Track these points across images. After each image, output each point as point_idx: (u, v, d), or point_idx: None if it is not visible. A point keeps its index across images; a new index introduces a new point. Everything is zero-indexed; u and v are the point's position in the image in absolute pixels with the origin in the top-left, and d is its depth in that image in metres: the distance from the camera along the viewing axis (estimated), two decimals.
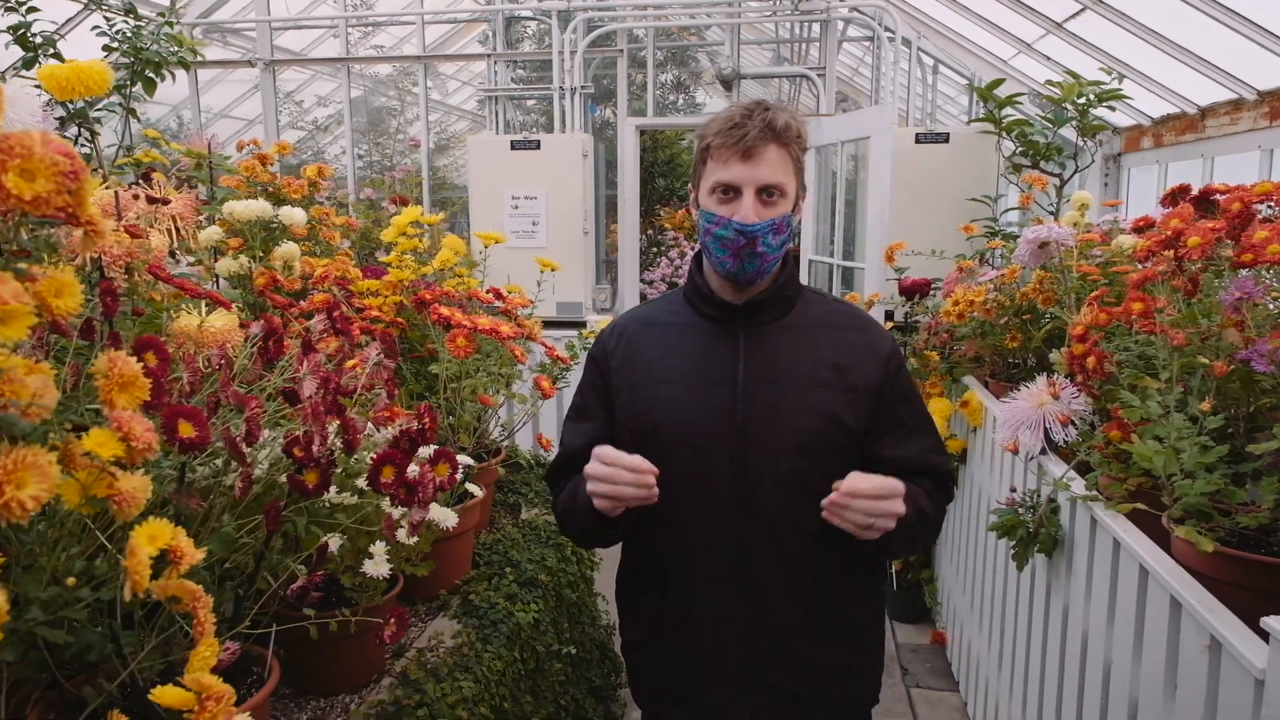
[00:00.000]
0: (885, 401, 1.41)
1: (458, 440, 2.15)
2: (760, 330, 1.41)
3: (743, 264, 1.34)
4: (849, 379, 1.39)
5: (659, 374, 1.43)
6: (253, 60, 4.71)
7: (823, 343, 1.41)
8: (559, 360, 2.32)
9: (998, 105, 3.64)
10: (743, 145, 1.30)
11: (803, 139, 1.37)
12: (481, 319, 2.01)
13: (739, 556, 1.38)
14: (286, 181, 2.44)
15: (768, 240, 1.33)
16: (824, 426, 1.36)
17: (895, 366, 1.44)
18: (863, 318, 1.49)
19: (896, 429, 1.42)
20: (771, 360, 1.39)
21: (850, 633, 1.46)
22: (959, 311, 2.65)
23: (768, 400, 1.37)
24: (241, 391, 1.17)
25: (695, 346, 1.43)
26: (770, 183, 1.32)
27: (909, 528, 1.31)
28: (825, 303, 1.49)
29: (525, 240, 4.52)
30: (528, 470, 3.20)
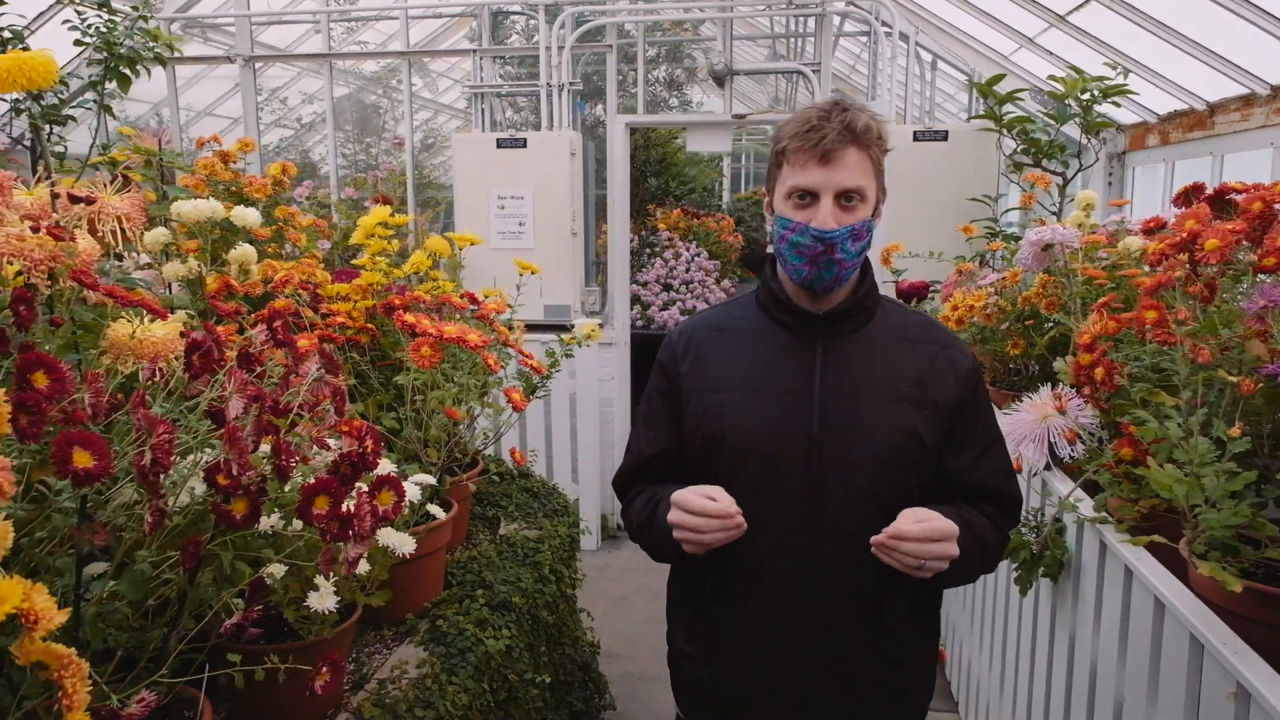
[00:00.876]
0: (962, 419, 1.37)
1: (426, 455, 2.02)
2: (838, 341, 1.37)
3: (820, 271, 1.29)
4: (929, 394, 1.35)
5: (730, 381, 1.39)
6: (232, 56, 4.58)
7: (902, 356, 1.37)
8: (534, 370, 2.19)
9: (998, 101, 3.51)
10: (821, 148, 1.25)
11: (884, 140, 1.32)
12: (448, 326, 1.88)
13: (806, 571, 1.34)
14: (249, 180, 2.31)
15: (846, 247, 1.28)
16: (903, 441, 1.33)
17: (974, 383, 1.40)
18: (942, 331, 1.44)
19: (969, 448, 1.38)
20: (850, 372, 1.35)
21: (907, 655, 1.42)
22: (958, 317, 2.52)
23: (846, 413, 1.33)
24: (155, 414, 1.04)
25: (769, 354, 1.39)
26: (850, 187, 1.27)
27: (967, 561, 1.29)
28: (904, 314, 1.45)
29: (512, 241, 4.39)
30: (509, 481, 3.08)
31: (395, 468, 1.66)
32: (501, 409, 2.42)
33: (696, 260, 7.25)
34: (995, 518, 1.39)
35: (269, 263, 2.24)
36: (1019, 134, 3.58)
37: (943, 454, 1.36)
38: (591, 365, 4.28)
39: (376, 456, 1.22)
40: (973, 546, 1.31)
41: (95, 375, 1.03)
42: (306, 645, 1.46)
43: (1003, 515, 1.40)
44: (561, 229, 4.36)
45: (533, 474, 3.18)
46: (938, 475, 1.37)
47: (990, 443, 1.41)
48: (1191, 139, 3.29)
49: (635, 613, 3.83)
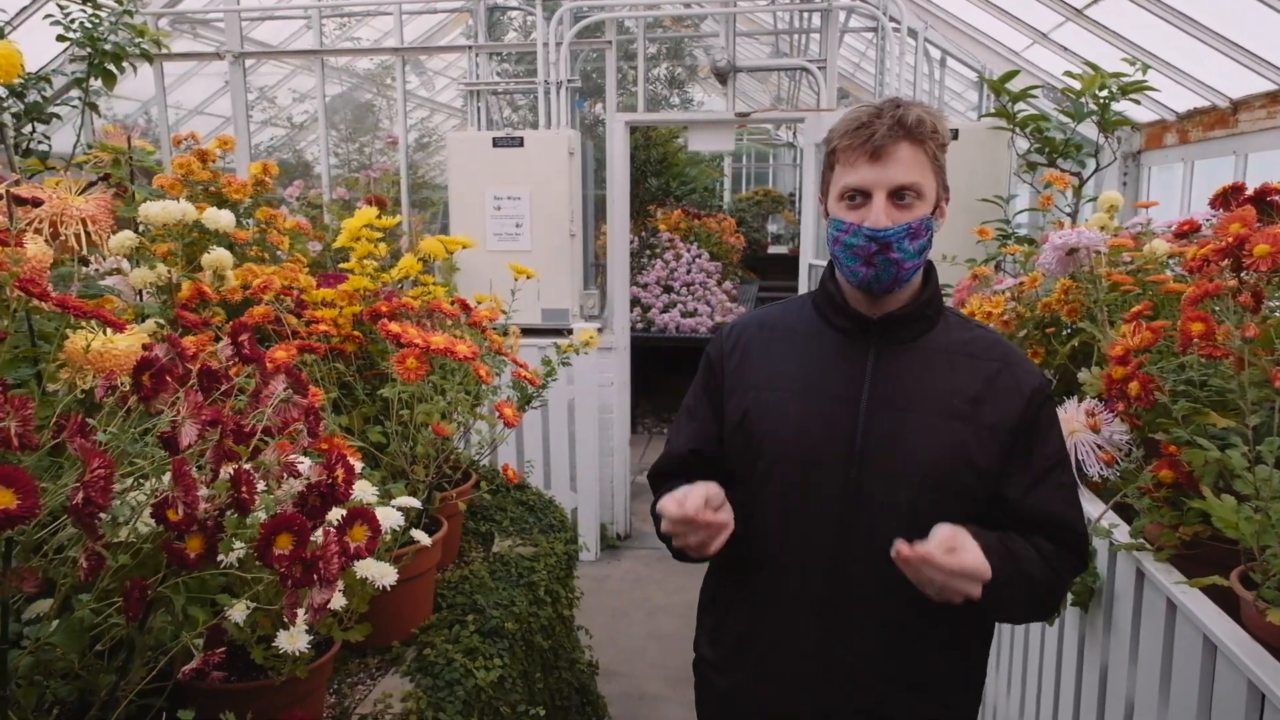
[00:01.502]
0: (1020, 440, 1.27)
1: (413, 472, 1.90)
2: (893, 349, 1.30)
3: (877, 272, 1.22)
4: (986, 414, 1.26)
5: (775, 381, 1.33)
6: (221, 53, 4.46)
7: (962, 371, 1.28)
8: (528, 381, 2.07)
9: (1012, 99, 3.39)
10: (871, 145, 1.20)
11: (940, 134, 1.25)
12: (436, 337, 1.76)
13: (835, 587, 1.28)
14: (228, 180, 2.19)
15: (903, 245, 1.21)
16: (952, 462, 1.24)
17: (1039, 404, 1.29)
18: (1008, 349, 1.34)
19: (1025, 472, 1.27)
20: (902, 383, 1.28)
21: (940, 689, 1.32)
22: None
23: (892, 426, 1.26)
24: (93, 443, 0.91)
25: (819, 357, 1.33)
26: (903, 183, 1.21)
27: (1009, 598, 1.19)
28: (968, 328, 1.35)
29: (508, 243, 4.27)
30: (503, 494, 2.96)
31: (376, 490, 1.54)
32: (495, 421, 2.29)
33: (698, 262, 7.13)
34: (1051, 557, 1.24)
35: (249, 267, 2.12)
36: (1032, 132, 3.46)
37: (999, 479, 1.26)
38: (590, 371, 4.16)
39: (349, 486, 1.10)
40: (1014, 579, 1.19)
41: (23, 401, 0.90)
42: (277, 686, 1.34)
43: (1061, 552, 1.26)
44: (559, 230, 4.23)
45: (528, 485, 3.05)
46: (993, 503, 1.27)
47: (1051, 468, 1.28)
48: (1213, 137, 3.17)
49: (635, 627, 3.71)
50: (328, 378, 2.10)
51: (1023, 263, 3.19)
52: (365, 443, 2.02)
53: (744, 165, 14.22)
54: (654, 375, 7.36)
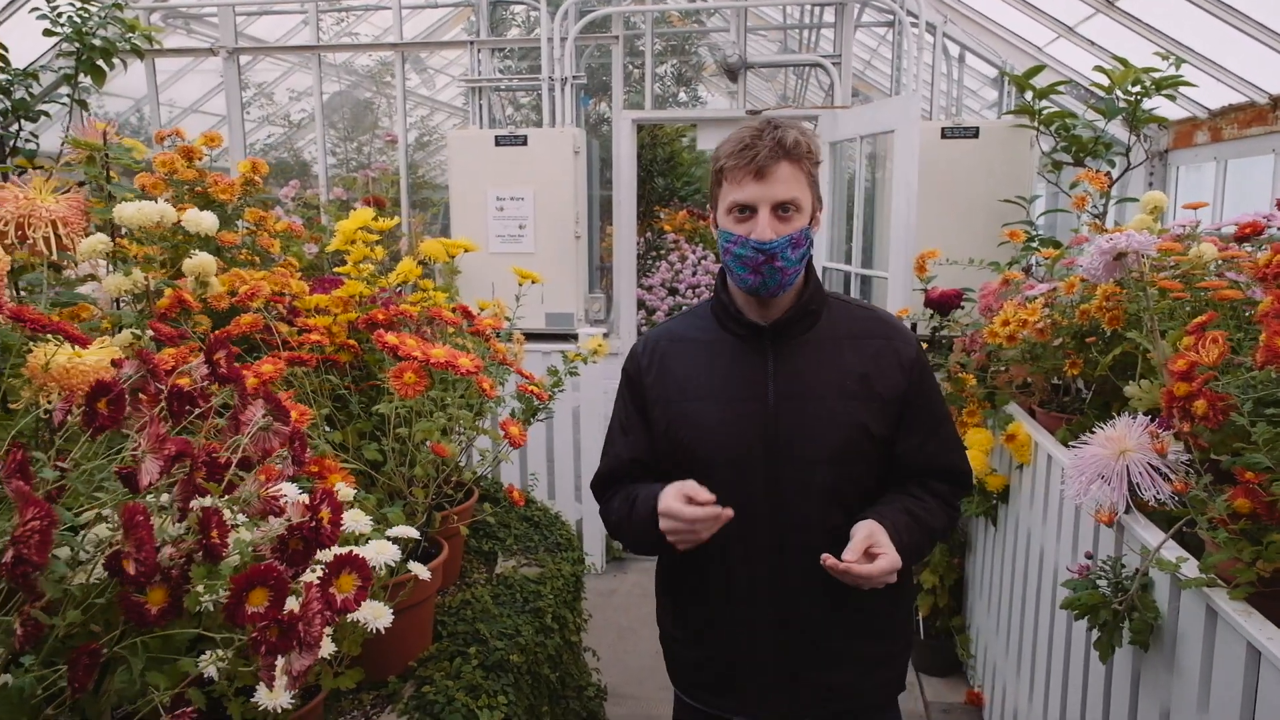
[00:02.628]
0: (909, 406, 1.47)
1: (411, 494, 1.75)
2: (787, 346, 1.45)
3: (764, 279, 1.38)
4: (875, 388, 1.44)
5: (692, 391, 1.48)
6: (215, 49, 4.32)
7: (848, 354, 1.46)
8: (537, 396, 1.93)
9: (1037, 95, 3.25)
10: (755, 165, 1.34)
11: (814, 154, 1.41)
12: (435, 349, 1.62)
13: (777, 565, 1.45)
14: (214, 180, 2.05)
15: (786, 255, 1.37)
16: (854, 436, 1.43)
17: (919, 371, 1.49)
18: (886, 324, 1.52)
19: (916, 432, 1.49)
20: (799, 376, 1.44)
21: (882, 625, 1.52)
22: (1009, 333, 2.26)
23: (798, 416, 1.43)
24: (26, 488, 0.77)
25: (725, 364, 1.48)
26: (784, 199, 1.36)
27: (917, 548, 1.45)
28: (849, 310, 1.52)
29: (511, 245, 4.13)
30: (507, 509, 2.81)
31: (370, 520, 1.39)
32: (499, 437, 2.15)
33: (703, 264, 6.99)
34: (946, 496, 1.52)
35: (236, 273, 1.98)
36: (1058, 130, 3.32)
37: (893, 440, 1.47)
38: (596, 377, 4.02)
39: (336, 528, 0.95)
40: (924, 539, 1.46)
41: None
42: None
43: (955, 488, 1.54)
44: (564, 232, 4.09)
45: (533, 500, 2.91)
46: (890, 458, 1.48)
47: (937, 424, 1.51)
48: (1249, 135, 3.03)
49: (643, 644, 3.57)
50: (320, 391, 1.96)
51: (1049, 266, 3.05)
52: (360, 461, 1.89)
53: None
54: None
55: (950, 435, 1.54)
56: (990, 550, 2.92)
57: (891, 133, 3.23)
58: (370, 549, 1.28)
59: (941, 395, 1.56)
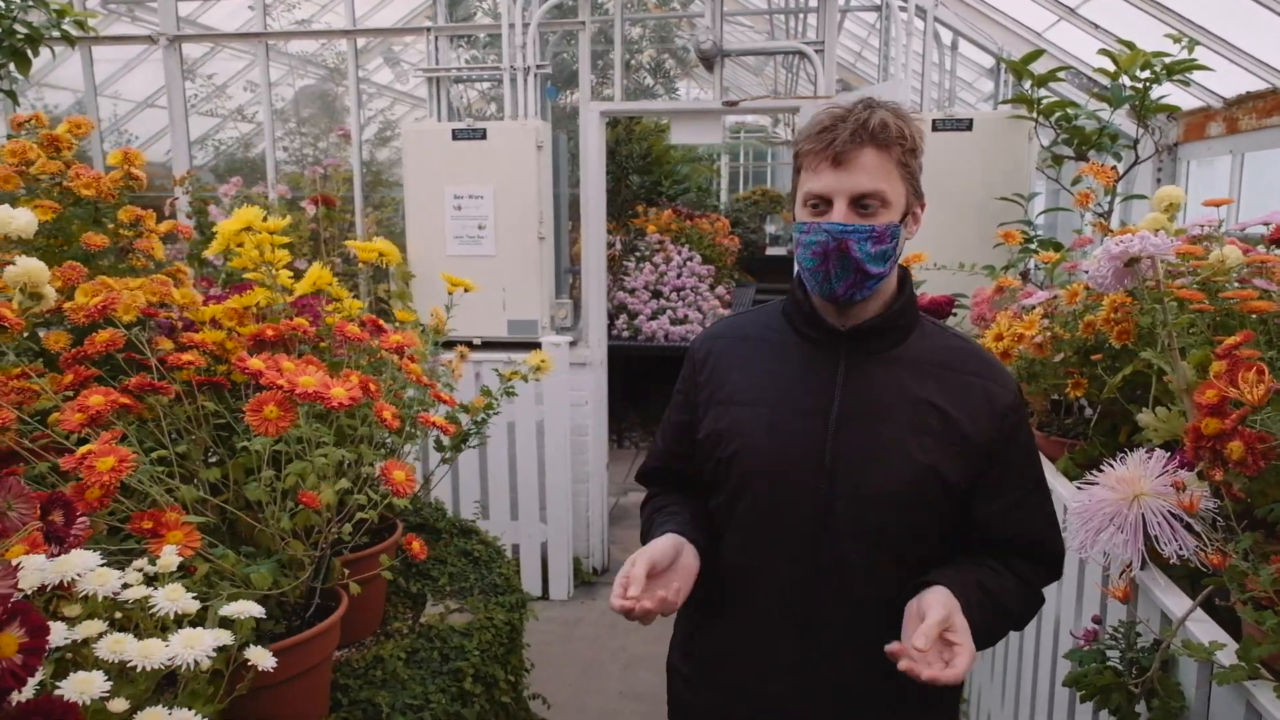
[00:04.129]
0: (995, 460, 1.26)
1: (287, 548, 1.47)
2: (865, 360, 1.27)
3: (833, 272, 1.19)
4: (957, 428, 1.24)
5: (745, 394, 1.32)
6: (155, 36, 4.03)
7: (932, 383, 1.26)
8: (443, 430, 1.64)
9: (1035, 82, 2.96)
10: (832, 150, 1.17)
11: (908, 139, 1.21)
12: (305, 377, 1.33)
13: (807, 603, 1.26)
14: (77, 173, 1.76)
15: (864, 247, 1.18)
16: (921, 479, 1.23)
17: (1014, 421, 1.28)
18: (984, 359, 1.31)
19: (1002, 494, 1.27)
20: (872, 397, 1.25)
21: (918, 703, 1.29)
22: (1004, 348, 1.97)
23: (862, 441, 1.24)
24: None
25: (788, 369, 1.31)
26: (865, 191, 1.18)
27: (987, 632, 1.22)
28: (944, 338, 1.33)
29: (470, 247, 3.84)
30: (446, 541, 2.53)
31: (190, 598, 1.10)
32: (407, 472, 1.87)
33: (689, 265, 6.70)
34: (1029, 577, 1.29)
35: (103, 281, 1.69)
36: (1059, 121, 3.04)
37: (972, 499, 1.26)
38: (561, 389, 3.74)
39: (34, 661, 0.66)
40: (996, 623, 1.24)
41: None
42: None
43: (1040, 571, 1.31)
44: (527, 233, 3.80)
45: (476, 530, 2.63)
46: (967, 522, 1.27)
47: (1029, 489, 1.30)
48: (1270, 125, 2.74)
49: (609, 683, 3.27)
50: (197, 419, 1.67)
51: (1049, 271, 2.77)
52: (236, 508, 1.60)
53: (741, 164, 13.80)
54: (642, 385, 6.93)
55: (1043, 505, 1.31)
56: None
57: None
58: (177, 642, 0.99)
59: (1039, 458, 1.33)
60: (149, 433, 1.59)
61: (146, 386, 1.44)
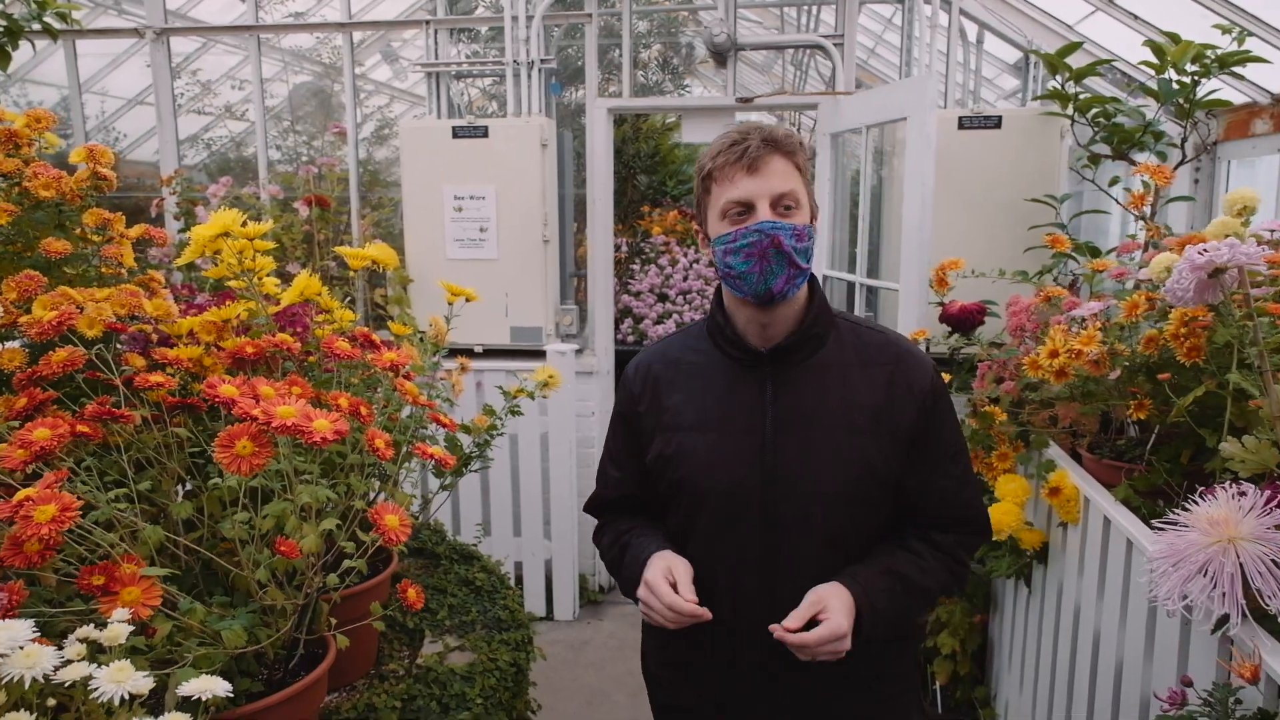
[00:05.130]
0: (919, 438, 1.34)
1: (265, 597, 1.29)
2: (788, 371, 1.34)
3: (770, 269, 1.26)
4: (884, 423, 1.32)
5: (684, 419, 1.39)
6: (141, 29, 3.85)
7: (857, 383, 1.33)
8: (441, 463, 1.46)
9: (1072, 77, 2.78)
10: (747, 159, 1.26)
11: (806, 149, 1.32)
12: (284, 407, 1.15)
13: (767, 608, 1.31)
14: (35, 172, 1.58)
15: (792, 242, 1.26)
16: (859, 476, 1.31)
17: (933, 400, 1.35)
18: (897, 349, 1.38)
19: (920, 467, 1.35)
20: (801, 405, 1.33)
21: (877, 682, 1.41)
22: (1059, 366, 1.79)
23: (798, 449, 1.32)
24: None
25: (720, 390, 1.38)
26: (783, 191, 1.27)
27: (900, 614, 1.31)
28: (858, 332, 1.39)
29: (471, 250, 3.66)
30: (445, 568, 2.37)
31: (143, 677, 0.92)
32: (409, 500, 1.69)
33: (695, 268, 6.51)
34: (950, 549, 1.36)
35: (63, 292, 1.52)
36: (1096, 118, 2.86)
37: (900, 478, 1.34)
38: (567, 399, 3.56)
39: None
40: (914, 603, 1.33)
41: None
42: None
43: (962, 538, 1.38)
44: (530, 235, 3.63)
45: (478, 556, 2.45)
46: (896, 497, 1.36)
47: (946, 459, 1.36)
48: None
49: (618, 712, 3.09)
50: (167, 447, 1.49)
51: (1089, 278, 2.59)
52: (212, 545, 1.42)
53: None
54: None
55: (963, 473, 1.38)
56: (1023, 615, 2.46)
57: (903, 120, 2.77)
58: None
59: (958, 428, 1.40)
60: (113, 463, 1.42)
61: (104, 414, 1.27)
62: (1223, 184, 3.26)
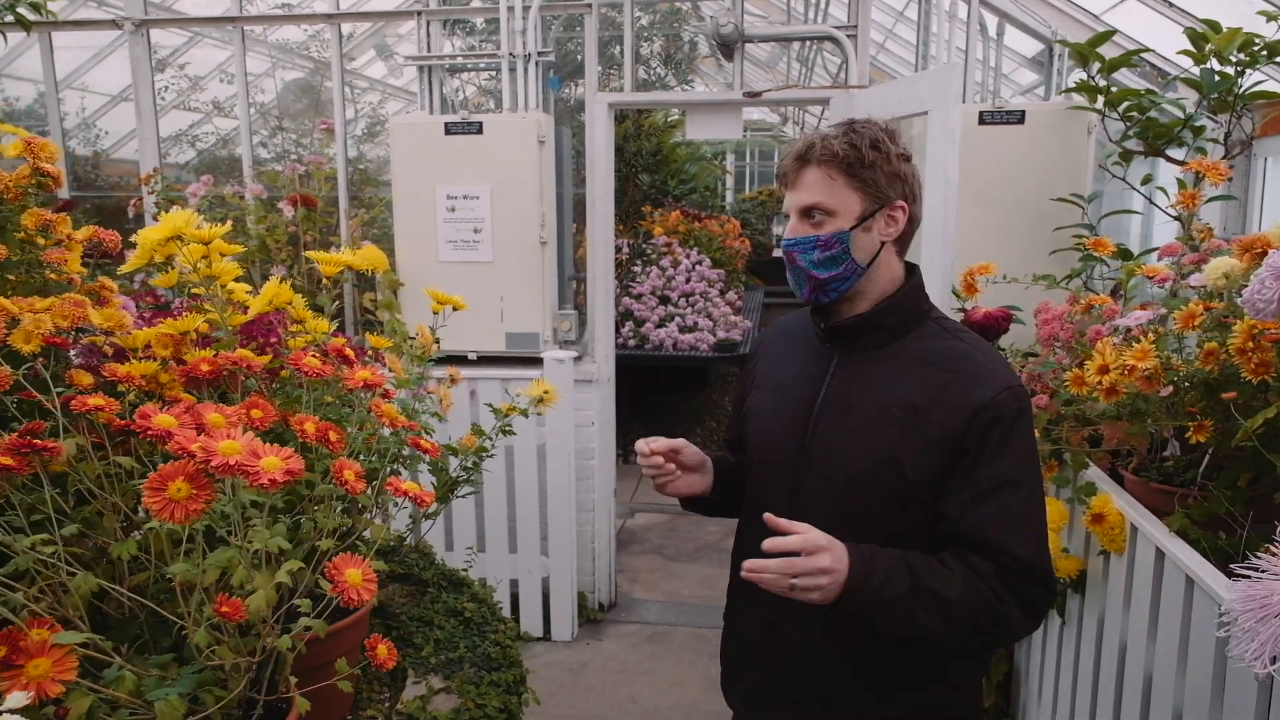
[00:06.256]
0: (963, 454, 1.27)
1: (215, 658, 1.11)
2: (854, 355, 1.39)
3: (795, 280, 1.37)
4: (922, 422, 1.29)
5: (768, 381, 1.50)
6: (119, 20, 3.68)
7: (911, 379, 1.33)
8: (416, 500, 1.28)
9: (1104, 68, 2.61)
10: (782, 174, 1.37)
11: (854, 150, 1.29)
12: (227, 442, 0.98)
13: None
14: None
15: (809, 255, 1.33)
16: (878, 467, 1.31)
17: (988, 420, 1.26)
18: (970, 360, 1.32)
19: (963, 491, 1.27)
20: (850, 387, 1.37)
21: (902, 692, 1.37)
22: (1109, 384, 1.61)
23: (835, 427, 1.36)
24: None
25: (800, 360, 1.46)
26: (808, 204, 1.33)
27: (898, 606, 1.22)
28: (943, 337, 1.37)
29: (465, 253, 3.48)
30: (433, 596, 2.19)
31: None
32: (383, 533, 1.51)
33: (698, 269, 6.33)
34: (988, 578, 1.24)
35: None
36: (1128, 112, 2.68)
37: (940, 494, 1.30)
38: (565, 409, 3.38)
39: None
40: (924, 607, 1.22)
41: None
42: None
43: (1002, 575, 1.24)
44: (527, 237, 3.45)
45: (468, 583, 2.27)
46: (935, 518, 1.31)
47: (995, 489, 1.26)
48: None
49: None
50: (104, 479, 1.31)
51: (1124, 282, 2.42)
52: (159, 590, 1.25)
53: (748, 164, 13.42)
54: (649, 396, 6.57)
55: (1013, 508, 1.26)
56: (1055, 645, 2.28)
57: (924, 114, 2.59)
58: None
59: (1028, 464, 1.29)
60: (44, 499, 1.24)
61: (23, 446, 1.09)
62: (1259, 182, 3.08)
